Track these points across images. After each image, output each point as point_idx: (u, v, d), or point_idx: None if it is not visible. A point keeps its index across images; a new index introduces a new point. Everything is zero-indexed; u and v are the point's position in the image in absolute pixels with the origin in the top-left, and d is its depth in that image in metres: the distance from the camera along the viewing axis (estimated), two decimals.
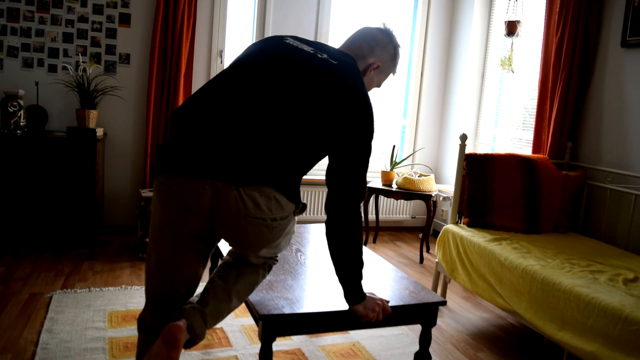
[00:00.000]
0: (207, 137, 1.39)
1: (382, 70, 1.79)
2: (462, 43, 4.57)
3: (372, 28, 1.80)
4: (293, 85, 1.46)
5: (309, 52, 1.58)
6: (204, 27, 4.06)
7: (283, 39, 1.63)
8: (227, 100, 1.43)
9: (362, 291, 1.66)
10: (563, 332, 2.18)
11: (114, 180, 4.03)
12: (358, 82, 1.58)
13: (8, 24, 3.66)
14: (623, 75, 3.15)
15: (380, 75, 1.80)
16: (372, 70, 1.76)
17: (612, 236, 3.12)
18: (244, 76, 1.47)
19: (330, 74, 1.52)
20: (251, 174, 1.39)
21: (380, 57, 1.77)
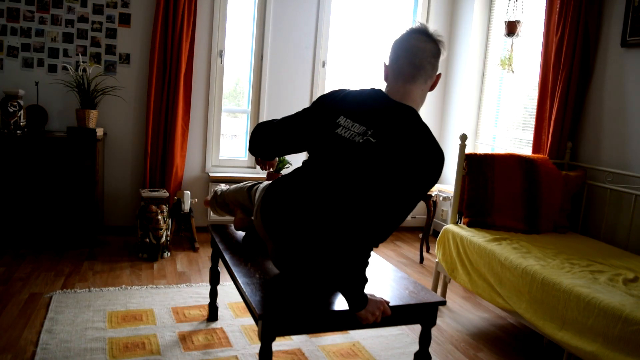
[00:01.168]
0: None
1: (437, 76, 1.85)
2: (462, 43, 4.57)
3: (417, 39, 1.76)
4: (351, 184, 1.66)
5: (357, 142, 1.67)
6: (204, 27, 4.06)
7: (336, 127, 1.74)
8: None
9: (365, 297, 1.68)
10: (563, 332, 2.18)
11: (114, 180, 4.03)
12: (412, 140, 1.61)
13: (8, 24, 3.66)
14: (623, 75, 3.15)
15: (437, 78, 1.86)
16: (438, 79, 1.84)
17: (612, 236, 3.12)
18: (313, 180, 1.77)
19: (373, 156, 1.62)
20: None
21: (437, 67, 1.82)
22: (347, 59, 4.61)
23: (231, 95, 4.44)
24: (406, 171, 1.58)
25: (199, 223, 4.17)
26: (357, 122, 1.70)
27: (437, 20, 4.68)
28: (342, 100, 1.81)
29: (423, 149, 1.60)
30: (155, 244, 3.50)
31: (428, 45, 1.75)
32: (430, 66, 1.76)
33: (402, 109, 1.69)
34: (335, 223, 1.67)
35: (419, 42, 1.75)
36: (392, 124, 1.64)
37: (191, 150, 4.16)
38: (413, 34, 1.78)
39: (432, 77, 1.79)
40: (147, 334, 2.46)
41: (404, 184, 1.59)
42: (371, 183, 1.61)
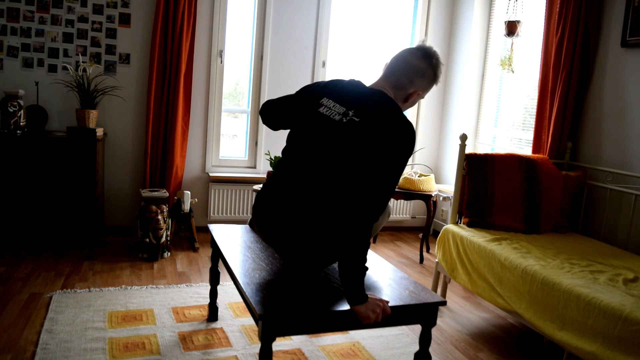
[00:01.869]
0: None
1: (423, 93, 1.96)
2: (462, 43, 4.57)
3: (412, 54, 1.92)
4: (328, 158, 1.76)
5: (337, 120, 1.78)
6: (204, 27, 4.06)
7: (318, 106, 1.87)
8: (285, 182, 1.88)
9: (364, 293, 1.69)
10: (563, 332, 2.18)
11: (114, 180, 4.03)
12: (389, 117, 1.74)
13: (8, 24, 3.66)
14: (623, 75, 3.15)
15: (422, 95, 1.98)
16: (413, 97, 1.93)
17: (612, 236, 3.12)
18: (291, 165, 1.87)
19: (357, 134, 1.72)
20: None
21: (420, 85, 1.92)
22: (347, 59, 4.61)
23: (231, 95, 4.44)
24: (384, 146, 1.68)
25: (199, 223, 4.17)
26: (338, 103, 1.83)
27: (437, 20, 4.68)
28: (325, 86, 1.94)
29: (397, 126, 1.72)
30: (155, 244, 3.50)
31: (418, 62, 1.89)
32: (407, 80, 1.88)
33: (377, 92, 1.84)
34: (321, 206, 1.75)
35: (411, 56, 1.91)
36: (369, 105, 1.77)
37: (191, 150, 4.16)
38: (415, 48, 1.94)
39: (405, 90, 1.90)
40: (147, 334, 2.46)
41: (382, 158, 1.68)
42: (352, 159, 1.70)
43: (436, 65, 1.95)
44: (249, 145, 4.40)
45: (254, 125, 4.36)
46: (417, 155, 4.82)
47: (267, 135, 4.34)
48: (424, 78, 1.91)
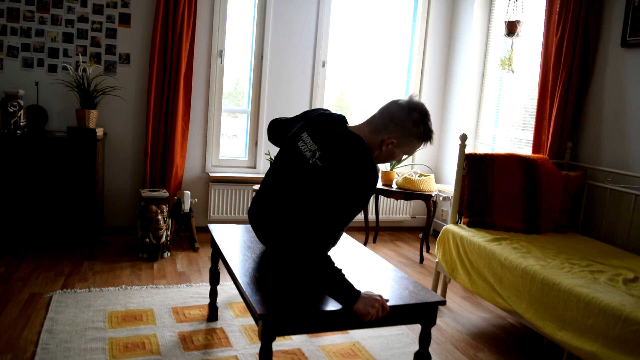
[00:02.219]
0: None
1: (401, 145, 1.93)
2: (462, 43, 4.57)
3: (396, 102, 1.95)
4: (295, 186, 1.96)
5: (307, 157, 1.95)
6: (204, 27, 4.06)
7: (298, 139, 2.02)
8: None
9: (351, 291, 1.72)
10: (563, 332, 2.18)
11: (114, 180, 4.03)
12: (349, 166, 1.84)
13: (8, 24, 3.66)
14: (623, 75, 3.15)
15: (401, 148, 1.94)
16: (387, 145, 1.93)
17: (612, 236, 3.12)
18: (270, 184, 2.10)
19: (316, 176, 1.88)
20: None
21: (394, 133, 1.91)
22: (347, 59, 4.61)
23: (231, 95, 4.44)
24: (336, 190, 1.82)
25: (199, 223, 4.17)
26: (312, 140, 1.97)
27: (437, 20, 4.68)
28: (312, 119, 2.05)
29: (354, 175, 1.83)
30: (155, 244, 3.50)
31: (397, 110, 1.92)
32: (382, 125, 1.93)
33: (351, 138, 1.91)
34: (286, 225, 1.97)
35: (394, 104, 1.95)
36: (337, 151, 1.88)
37: (191, 150, 4.16)
38: (403, 99, 1.98)
39: (380, 135, 1.93)
40: (147, 334, 2.46)
41: (333, 199, 1.81)
42: (310, 194, 1.88)
43: (417, 120, 1.90)
44: (249, 145, 4.39)
45: (254, 125, 4.36)
46: (417, 155, 4.82)
47: (266, 135, 4.34)
48: (398, 127, 1.90)
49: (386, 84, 4.79)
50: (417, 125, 1.91)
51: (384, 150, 1.94)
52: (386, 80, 4.78)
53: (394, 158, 1.99)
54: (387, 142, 1.91)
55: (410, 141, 1.93)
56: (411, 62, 4.77)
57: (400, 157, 2.01)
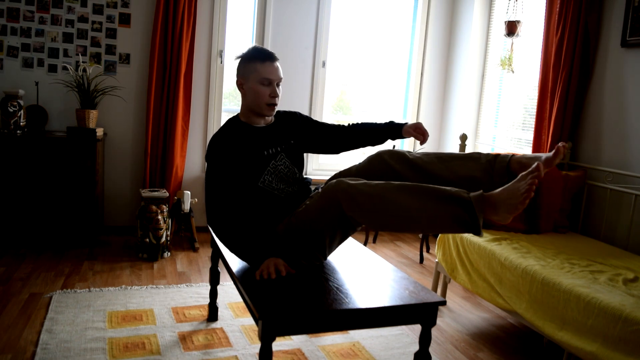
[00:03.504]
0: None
1: (246, 78, 2.08)
2: (462, 43, 4.57)
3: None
4: None
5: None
6: (204, 27, 4.06)
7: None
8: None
9: (255, 254, 1.92)
10: (563, 332, 2.18)
11: (114, 180, 4.03)
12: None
13: (8, 24, 3.66)
14: (623, 75, 3.15)
15: (251, 80, 2.07)
16: (242, 87, 2.11)
17: (612, 236, 3.12)
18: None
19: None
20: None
21: (238, 74, 2.11)
22: (347, 59, 4.61)
23: (231, 95, 4.44)
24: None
25: (199, 223, 4.17)
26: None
27: (437, 20, 4.68)
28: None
29: (208, 150, 2.11)
30: (155, 244, 3.50)
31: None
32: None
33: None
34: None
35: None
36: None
37: (191, 150, 4.16)
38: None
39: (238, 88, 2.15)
40: (147, 334, 2.46)
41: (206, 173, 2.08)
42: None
43: (245, 52, 2.10)
44: None
45: None
46: None
47: None
48: (238, 68, 2.10)
49: (386, 84, 4.79)
50: (245, 53, 2.08)
51: (245, 95, 2.10)
52: (386, 80, 4.78)
53: (260, 94, 2.05)
54: (238, 84, 2.08)
55: (249, 67, 2.05)
56: (411, 62, 4.77)
57: (264, 97, 2.06)
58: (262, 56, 2.03)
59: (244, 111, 2.16)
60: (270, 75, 2.03)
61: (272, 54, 2.06)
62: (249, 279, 1.91)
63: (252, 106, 2.11)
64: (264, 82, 2.03)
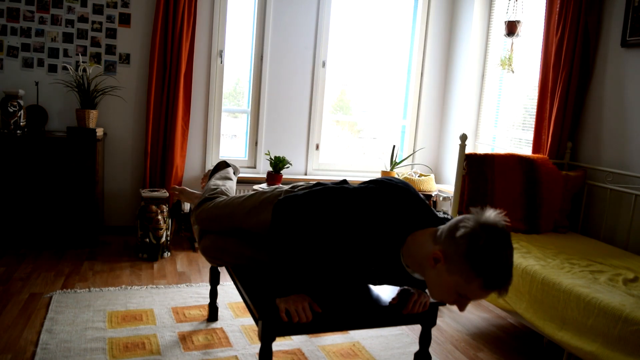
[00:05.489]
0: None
1: (451, 269, 1.42)
2: (462, 43, 4.57)
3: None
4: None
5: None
6: (204, 27, 4.06)
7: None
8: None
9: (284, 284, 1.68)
10: (563, 332, 2.18)
11: (114, 180, 4.03)
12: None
13: (8, 24, 3.66)
14: (623, 75, 3.15)
15: (452, 276, 1.42)
16: (433, 261, 1.46)
17: (612, 236, 3.12)
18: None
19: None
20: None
21: (445, 246, 1.44)
22: (347, 59, 4.61)
23: (231, 95, 4.44)
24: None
25: None
26: None
27: (437, 20, 4.68)
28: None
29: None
30: (155, 244, 3.50)
31: (465, 222, 1.50)
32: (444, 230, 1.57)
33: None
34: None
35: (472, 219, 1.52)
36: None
37: (191, 150, 4.16)
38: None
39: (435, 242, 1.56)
40: (147, 334, 2.46)
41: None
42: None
43: (475, 241, 1.37)
44: (249, 145, 4.39)
45: (254, 125, 4.36)
46: (417, 155, 4.83)
47: (267, 135, 4.35)
48: (453, 241, 1.42)
49: (386, 84, 4.79)
50: (477, 250, 1.36)
51: (434, 267, 1.46)
52: (386, 80, 4.78)
53: (446, 292, 1.45)
54: (438, 256, 1.44)
55: (470, 274, 1.38)
56: (411, 62, 4.77)
57: (454, 292, 1.44)
58: (495, 285, 1.38)
59: (411, 255, 1.57)
60: (476, 297, 1.43)
61: (506, 286, 1.39)
62: (249, 279, 1.91)
63: (422, 265, 1.53)
64: (460, 292, 1.43)
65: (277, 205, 1.67)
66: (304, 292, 1.70)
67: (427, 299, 1.80)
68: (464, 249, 1.37)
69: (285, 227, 1.64)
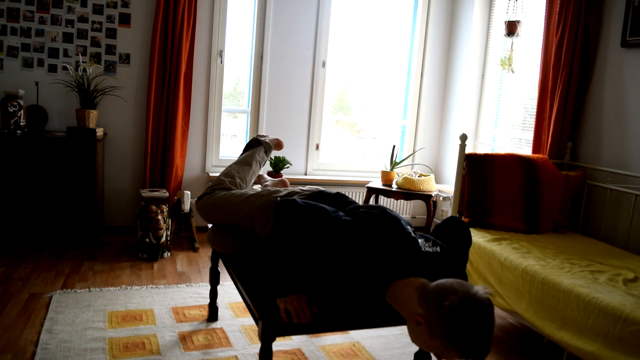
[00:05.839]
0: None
1: (432, 335, 1.45)
2: (462, 43, 4.57)
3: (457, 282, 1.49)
4: None
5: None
6: (204, 27, 4.06)
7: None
8: None
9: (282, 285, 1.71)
10: (563, 332, 2.18)
11: (114, 180, 4.03)
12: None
13: (8, 24, 3.66)
14: (623, 75, 3.15)
15: (432, 339, 1.46)
16: (415, 323, 1.50)
17: (612, 236, 3.12)
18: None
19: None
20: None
21: (428, 314, 1.47)
22: (347, 59, 4.61)
23: (231, 95, 4.44)
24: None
25: (199, 223, 4.17)
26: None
27: (437, 20, 4.68)
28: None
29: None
30: (155, 244, 3.50)
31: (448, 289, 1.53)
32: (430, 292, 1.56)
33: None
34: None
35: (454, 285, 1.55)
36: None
37: (191, 150, 4.16)
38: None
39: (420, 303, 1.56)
40: (147, 334, 2.46)
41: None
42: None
43: (457, 314, 1.41)
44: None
45: (254, 125, 4.36)
46: (417, 155, 4.83)
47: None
48: (436, 310, 1.45)
49: (386, 84, 4.79)
50: (456, 323, 1.40)
51: (418, 327, 1.49)
52: (386, 80, 4.78)
53: (421, 345, 1.52)
54: (415, 320, 1.49)
55: (447, 342, 1.42)
56: (411, 62, 4.77)
57: (430, 351, 1.50)
58: (472, 356, 1.43)
59: (395, 302, 1.62)
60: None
61: (484, 357, 1.44)
62: (249, 279, 1.91)
63: (405, 315, 1.58)
64: (438, 355, 1.48)
65: (280, 206, 1.71)
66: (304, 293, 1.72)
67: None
68: (446, 324, 1.42)
69: (285, 229, 1.69)
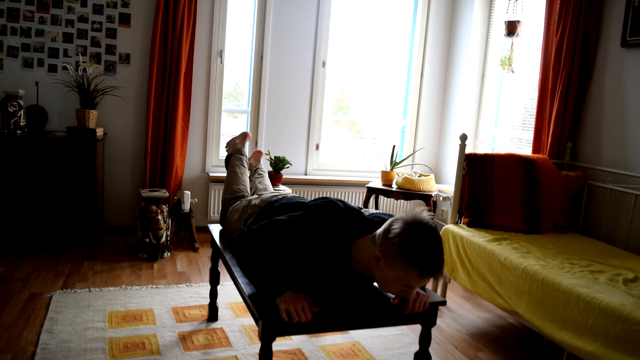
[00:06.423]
0: None
1: (390, 265, 1.59)
2: (462, 43, 4.57)
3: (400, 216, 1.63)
4: None
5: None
6: (204, 27, 4.06)
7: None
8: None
9: (279, 284, 1.74)
10: (563, 332, 2.18)
11: (114, 180, 4.03)
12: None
13: (8, 24, 3.66)
14: (623, 75, 3.15)
15: (392, 270, 1.59)
16: (375, 261, 1.62)
17: (612, 236, 3.12)
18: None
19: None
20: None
21: (382, 247, 1.61)
22: (347, 59, 4.61)
23: (231, 95, 4.44)
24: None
25: (199, 223, 4.17)
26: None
27: (437, 20, 4.68)
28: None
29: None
30: (155, 244, 3.50)
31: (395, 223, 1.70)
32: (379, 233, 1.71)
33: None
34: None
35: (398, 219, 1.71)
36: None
37: (191, 150, 4.16)
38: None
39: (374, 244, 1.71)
40: (147, 334, 2.46)
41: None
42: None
43: (407, 236, 1.55)
44: (249, 145, 4.39)
45: (254, 125, 4.36)
46: (417, 155, 4.83)
47: (267, 135, 4.35)
48: (388, 241, 1.60)
49: (386, 84, 4.79)
50: (407, 244, 1.54)
51: (377, 266, 1.63)
52: (386, 80, 4.78)
53: (390, 285, 1.63)
54: (377, 256, 1.61)
55: (402, 264, 1.56)
56: (411, 62, 4.77)
57: (397, 283, 1.61)
58: (429, 271, 1.56)
59: (358, 261, 1.73)
60: (416, 284, 1.61)
61: (439, 271, 1.58)
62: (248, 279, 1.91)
63: (369, 267, 1.69)
64: (403, 283, 1.61)
65: (252, 234, 1.81)
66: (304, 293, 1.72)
67: (426, 297, 1.80)
68: (397, 246, 1.56)
69: (260, 249, 1.78)
